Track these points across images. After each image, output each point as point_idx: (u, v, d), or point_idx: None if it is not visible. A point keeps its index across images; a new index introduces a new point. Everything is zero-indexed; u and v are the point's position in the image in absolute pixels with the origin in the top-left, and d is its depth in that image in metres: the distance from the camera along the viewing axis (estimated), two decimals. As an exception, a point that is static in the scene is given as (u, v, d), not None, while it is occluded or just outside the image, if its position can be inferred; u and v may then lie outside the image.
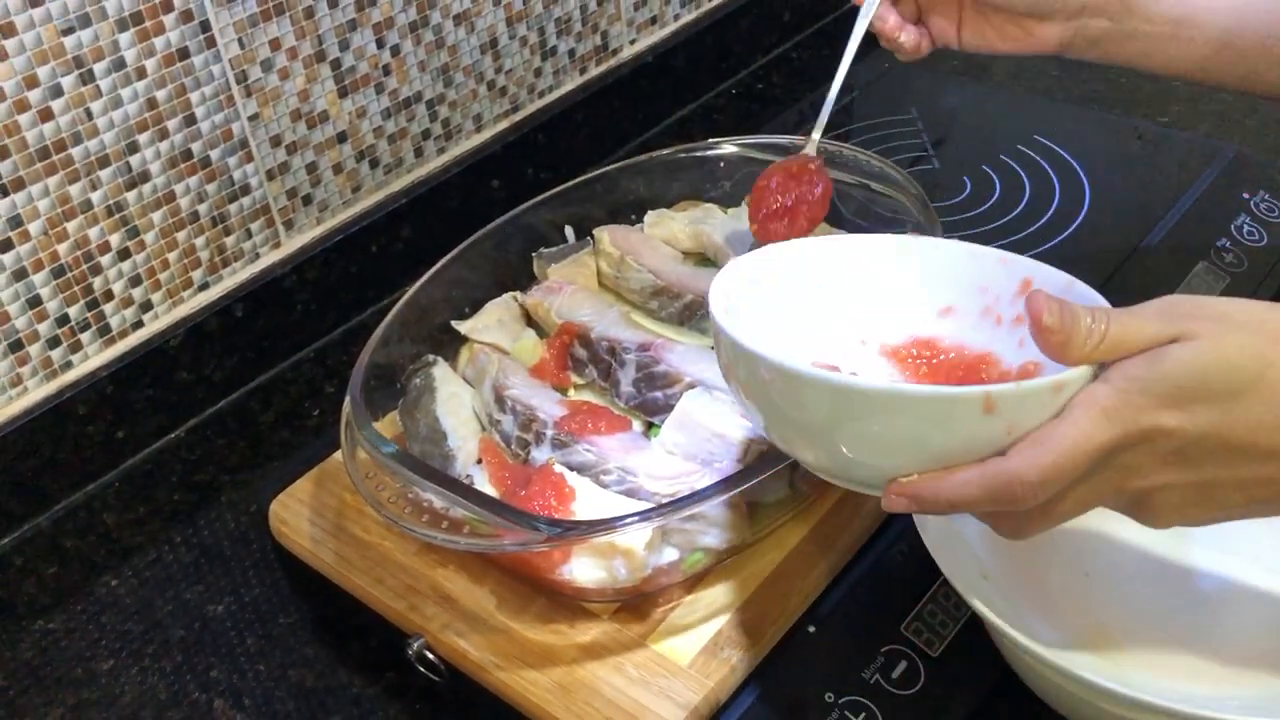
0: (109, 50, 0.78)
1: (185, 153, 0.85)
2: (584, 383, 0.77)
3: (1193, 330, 0.46)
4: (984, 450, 0.48)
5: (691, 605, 0.64)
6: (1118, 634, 0.60)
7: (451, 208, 1.02)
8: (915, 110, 1.12)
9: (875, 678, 0.62)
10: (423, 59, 0.97)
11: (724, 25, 1.22)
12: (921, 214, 0.78)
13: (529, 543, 0.59)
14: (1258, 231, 0.90)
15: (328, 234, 0.95)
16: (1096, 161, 1.01)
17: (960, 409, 0.47)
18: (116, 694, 0.71)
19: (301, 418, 0.90)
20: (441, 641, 0.64)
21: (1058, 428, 0.46)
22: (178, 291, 0.88)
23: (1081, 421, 0.46)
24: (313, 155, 0.93)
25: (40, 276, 0.80)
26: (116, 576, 0.79)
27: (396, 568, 0.69)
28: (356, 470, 0.67)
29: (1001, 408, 0.46)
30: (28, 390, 0.82)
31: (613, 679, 0.61)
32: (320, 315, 0.96)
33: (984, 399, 0.46)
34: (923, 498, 0.49)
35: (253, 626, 0.74)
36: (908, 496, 0.49)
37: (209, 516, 0.83)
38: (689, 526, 0.62)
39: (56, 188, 0.79)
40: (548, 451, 0.68)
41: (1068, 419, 0.46)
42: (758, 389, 0.53)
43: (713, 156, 0.89)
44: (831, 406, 0.49)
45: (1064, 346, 0.47)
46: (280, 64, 0.88)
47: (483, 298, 0.82)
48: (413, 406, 0.74)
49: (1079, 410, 0.46)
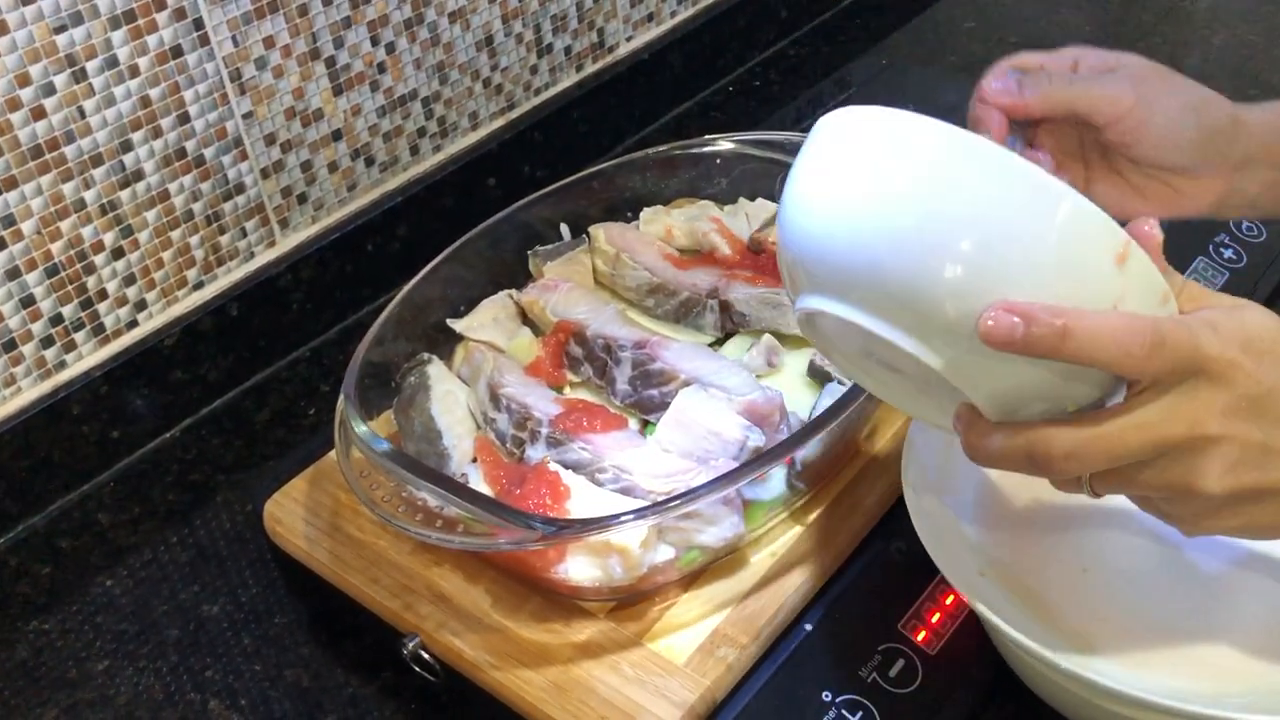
0: (101, 48, 0.78)
1: (179, 151, 0.84)
2: (579, 381, 0.76)
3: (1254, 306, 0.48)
4: (1085, 299, 0.44)
5: (687, 604, 0.64)
6: (1116, 632, 0.60)
7: (447, 206, 1.02)
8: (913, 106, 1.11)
9: (872, 676, 0.61)
10: (418, 56, 0.97)
11: (721, 22, 1.22)
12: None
13: (524, 541, 0.59)
14: (1256, 226, 0.90)
15: (323, 232, 0.95)
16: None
17: (1098, 241, 0.43)
18: (111, 694, 0.71)
19: (297, 417, 0.90)
20: (436, 641, 0.64)
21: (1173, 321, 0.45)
22: (172, 291, 0.88)
23: (1192, 323, 0.46)
24: (308, 153, 0.93)
25: (33, 276, 0.80)
26: (111, 577, 0.79)
27: (391, 567, 0.68)
28: (351, 469, 0.66)
29: (1130, 267, 0.44)
30: (21, 390, 0.81)
31: (608, 678, 0.61)
32: (315, 314, 0.96)
33: (1124, 246, 0.43)
34: (1036, 320, 0.43)
35: (248, 626, 0.74)
36: (1021, 314, 0.43)
37: (204, 516, 0.83)
38: (685, 524, 0.62)
39: (49, 186, 0.78)
40: (543, 450, 0.68)
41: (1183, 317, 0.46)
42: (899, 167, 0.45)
43: (709, 154, 0.89)
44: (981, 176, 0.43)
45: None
46: (274, 62, 0.88)
47: (478, 296, 0.82)
48: (407, 405, 0.74)
49: (1191, 318, 0.46)
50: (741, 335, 0.78)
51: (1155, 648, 0.60)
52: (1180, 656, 0.59)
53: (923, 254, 0.45)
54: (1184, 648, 0.59)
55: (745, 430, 0.66)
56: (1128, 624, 0.60)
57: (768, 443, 0.66)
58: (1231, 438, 0.47)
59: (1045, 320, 0.43)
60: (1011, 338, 0.43)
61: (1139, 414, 0.46)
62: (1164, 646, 0.60)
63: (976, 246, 0.44)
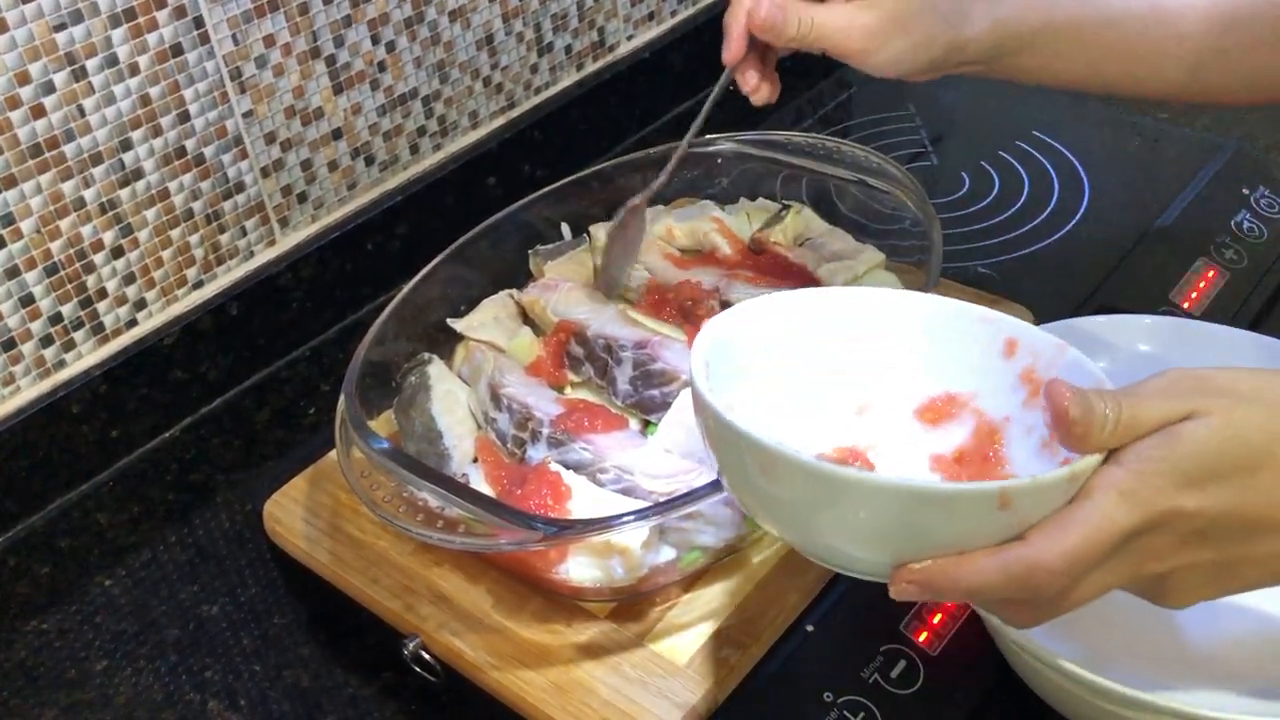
0: (101, 46, 0.78)
1: (179, 150, 0.84)
2: (580, 381, 0.76)
3: (1203, 407, 0.45)
4: (987, 540, 0.46)
5: (689, 604, 0.64)
6: (1118, 633, 0.60)
7: (447, 205, 1.01)
8: (913, 106, 1.11)
9: (874, 677, 0.61)
10: (418, 55, 0.97)
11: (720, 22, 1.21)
12: (920, 210, 0.78)
13: (525, 542, 0.59)
14: (1258, 227, 0.90)
15: (323, 231, 0.95)
16: (1095, 157, 1.01)
17: (972, 504, 0.45)
18: (111, 695, 0.71)
19: (297, 416, 0.90)
20: (437, 641, 0.64)
21: (1077, 512, 0.45)
22: (172, 290, 0.88)
23: (1102, 504, 0.45)
24: (308, 152, 0.92)
25: (33, 275, 0.79)
26: (110, 576, 0.79)
27: (392, 567, 0.68)
28: (351, 469, 0.66)
29: (1016, 503, 0.45)
30: (20, 389, 0.81)
31: (610, 679, 0.61)
32: (315, 313, 0.96)
33: (999, 495, 0.44)
34: (936, 585, 0.46)
35: (248, 626, 0.74)
36: (919, 584, 0.46)
37: (204, 516, 0.82)
38: (686, 525, 0.62)
39: (49, 185, 0.78)
40: (544, 450, 0.68)
41: (1087, 503, 0.45)
42: (742, 471, 0.49)
43: (710, 153, 0.89)
44: (831, 495, 0.46)
45: (1084, 438, 0.45)
46: (275, 60, 0.87)
47: (478, 295, 0.82)
48: (408, 405, 0.74)
49: (1098, 494, 0.45)
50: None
51: (1158, 649, 0.59)
52: (1183, 657, 0.59)
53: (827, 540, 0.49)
54: (1187, 649, 0.59)
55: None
56: (1130, 625, 0.60)
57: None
58: (1188, 567, 0.47)
59: (948, 587, 0.46)
60: (919, 598, 0.48)
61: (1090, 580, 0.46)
62: (1167, 647, 0.60)
63: (868, 540, 0.48)
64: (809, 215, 0.84)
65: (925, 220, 0.76)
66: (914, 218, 0.78)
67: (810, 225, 0.84)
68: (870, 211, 0.84)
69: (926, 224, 0.76)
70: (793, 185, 0.87)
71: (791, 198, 0.88)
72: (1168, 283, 0.85)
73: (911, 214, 0.79)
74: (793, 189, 0.88)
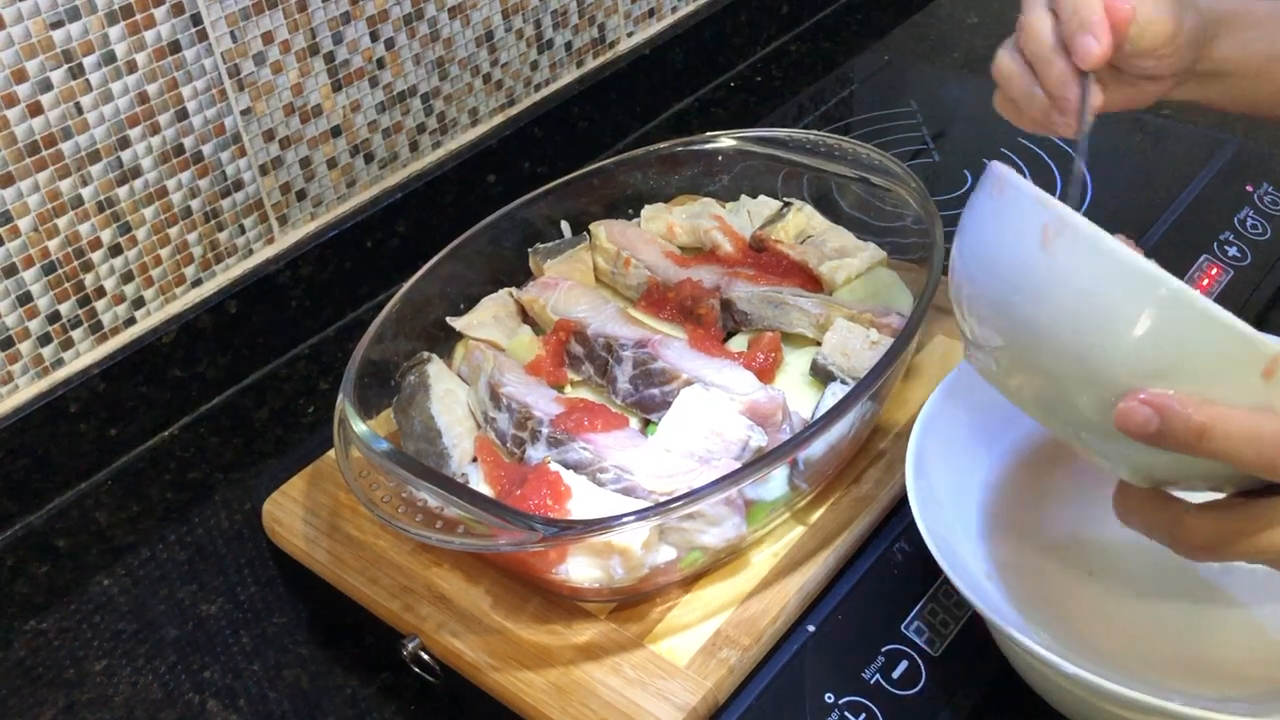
0: (99, 44, 0.77)
1: (177, 148, 0.84)
2: (580, 380, 0.76)
3: None
4: (1227, 401, 0.43)
5: (689, 605, 0.64)
6: (1122, 634, 0.60)
7: (447, 203, 1.01)
8: (915, 103, 1.11)
9: (876, 678, 0.61)
10: (417, 52, 0.96)
11: (722, 18, 1.21)
12: (922, 208, 0.77)
13: (525, 542, 0.58)
14: (1261, 225, 0.89)
15: (322, 229, 0.95)
16: (1097, 154, 1.00)
17: (1243, 350, 0.42)
18: (109, 695, 0.71)
19: (296, 415, 0.90)
20: (436, 642, 0.64)
21: None
22: (170, 288, 0.87)
23: None
24: (306, 150, 0.92)
25: (30, 273, 0.79)
26: (109, 576, 0.78)
27: (391, 567, 0.68)
28: (350, 469, 0.66)
29: (1278, 378, 0.42)
30: (19, 388, 0.81)
31: (609, 680, 0.60)
32: (314, 312, 0.96)
33: (1271, 359, 0.42)
34: (1172, 416, 0.42)
35: (247, 626, 0.74)
36: (1155, 407, 0.42)
37: (202, 515, 0.82)
38: (687, 525, 0.62)
39: (46, 183, 0.78)
40: (544, 449, 0.68)
41: None
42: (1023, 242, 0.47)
43: (710, 150, 0.88)
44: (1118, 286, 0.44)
45: None
46: (273, 57, 0.87)
47: (478, 294, 0.82)
48: (407, 404, 0.74)
49: None
50: (743, 334, 0.77)
51: (1161, 650, 0.59)
52: (1186, 659, 0.59)
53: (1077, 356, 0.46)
54: (1190, 651, 0.59)
55: (748, 430, 0.65)
56: (1133, 627, 0.60)
57: (770, 442, 0.65)
58: None
59: (1181, 416, 0.42)
60: (1145, 428, 0.43)
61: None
62: (1170, 649, 0.59)
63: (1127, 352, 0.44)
64: (810, 213, 0.84)
65: (927, 217, 0.76)
66: (916, 215, 0.78)
67: (812, 223, 0.83)
68: (872, 209, 0.84)
69: (929, 221, 0.75)
70: (794, 182, 0.87)
71: (793, 195, 0.87)
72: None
73: (913, 211, 0.79)
74: (794, 186, 0.87)
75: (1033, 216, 0.48)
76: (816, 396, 0.71)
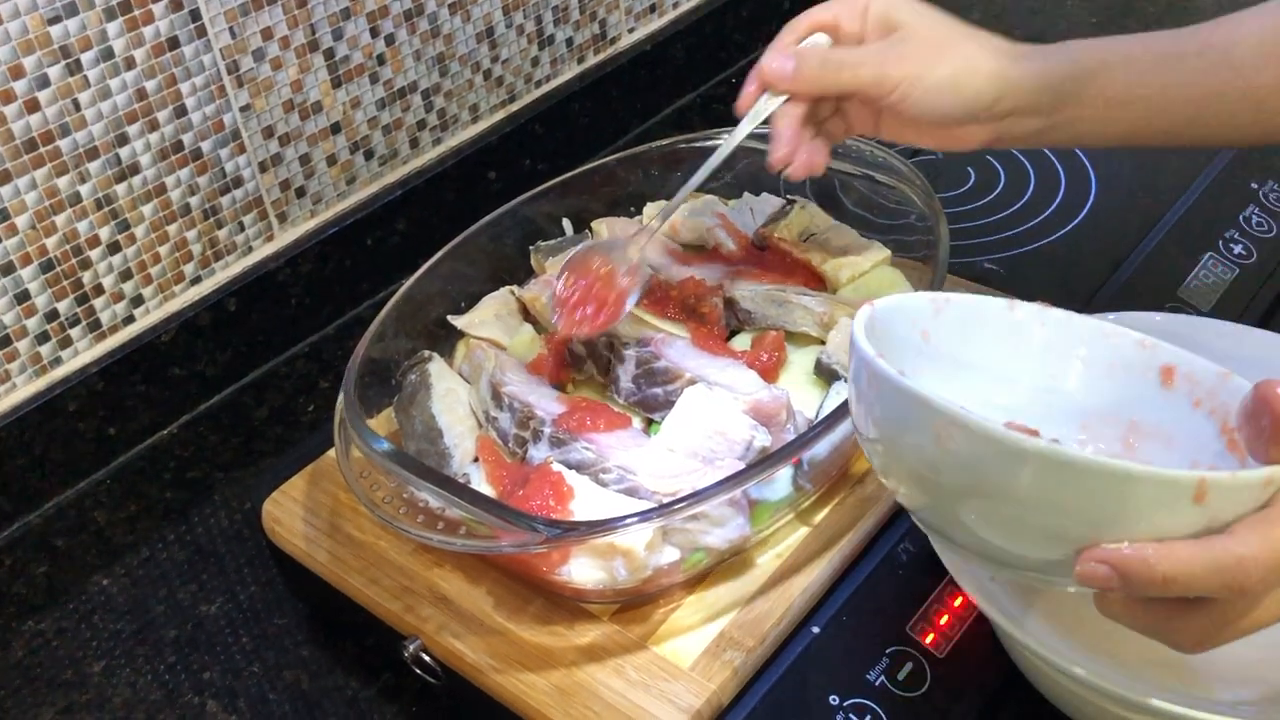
0: (97, 40, 0.77)
1: (176, 144, 0.83)
2: (583, 379, 0.75)
3: None
4: (1169, 535, 0.44)
5: (693, 606, 0.63)
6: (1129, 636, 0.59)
7: (447, 200, 1.01)
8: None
9: (880, 679, 0.61)
10: (418, 48, 0.96)
11: (723, 14, 1.21)
12: (926, 205, 0.77)
13: (527, 544, 0.58)
14: (1266, 222, 0.89)
15: (322, 227, 0.94)
16: (1102, 151, 1.00)
17: (1169, 490, 0.43)
18: (108, 695, 0.70)
19: (295, 414, 0.89)
20: (438, 643, 0.63)
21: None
22: (169, 286, 0.87)
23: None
24: (306, 147, 0.92)
25: (28, 271, 0.79)
26: (108, 575, 0.78)
27: (392, 568, 0.67)
28: (350, 469, 0.65)
29: (1211, 498, 0.43)
30: (17, 387, 0.81)
31: (612, 682, 0.60)
32: (314, 309, 0.95)
33: (1196, 485, 0.43)
34: (1130, 569, 0.44)
35: (247, 626, 0.73)
36: (1113, 565, 0.44)
37: (202, 514, 0.82)
38: (690, 526, 0.61)
39: (44, 180, 0.77)
40: (546, 449, 0.67)
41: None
42: (911, 443, 0.47)
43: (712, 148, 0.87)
44: (1012, 467, 0.44)
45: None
46: (272, 54, 0.87)
47: (479, 292, 0.81)
48: (408, 403, 0.73)
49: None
50: (747, 332, 0.77)
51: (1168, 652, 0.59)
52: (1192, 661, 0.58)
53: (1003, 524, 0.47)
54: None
55: (751, 430, 0.65)
56: (1140, 628, 0.60)
57: (774, 443, 0.65)
58: None
59: (1143, 571, 0.44)
60: (1106, 584, 0.45)
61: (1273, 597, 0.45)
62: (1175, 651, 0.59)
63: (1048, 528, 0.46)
64: (814, 210, 0.83)
65: (931, 215, 0.75)
66: (920, 213, 0.78)
67: (815, 220, 0.83)
68: (875, 206, 0.83)
69: (932, 219, 0.75)
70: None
71: (796, 192, 0.87)
72: (1176, 278, 0.84)
73: (917, 209, 0.78)
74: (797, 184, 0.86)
75: (923, 420, 0.46)
76: (820, 396, 0.71)
